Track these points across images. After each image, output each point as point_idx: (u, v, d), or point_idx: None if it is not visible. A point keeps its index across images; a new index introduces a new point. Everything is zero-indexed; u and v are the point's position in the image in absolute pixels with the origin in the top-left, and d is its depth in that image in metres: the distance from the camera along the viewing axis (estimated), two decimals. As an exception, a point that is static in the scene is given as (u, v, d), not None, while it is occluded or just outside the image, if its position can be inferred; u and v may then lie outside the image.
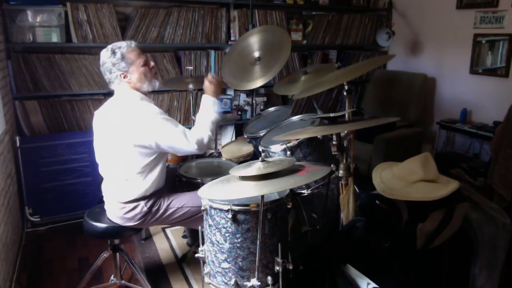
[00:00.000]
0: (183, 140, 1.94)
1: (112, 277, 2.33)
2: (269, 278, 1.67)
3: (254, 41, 2.69)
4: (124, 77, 1.98)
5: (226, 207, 1.63)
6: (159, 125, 1.92)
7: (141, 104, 1.97)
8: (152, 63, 2.06)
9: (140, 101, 1.99)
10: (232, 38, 3.63)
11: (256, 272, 1.63)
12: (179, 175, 2.29)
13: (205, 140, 1.99)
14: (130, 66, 1.97)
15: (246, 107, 3.74)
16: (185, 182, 2.26)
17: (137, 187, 2.01)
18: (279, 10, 3.82)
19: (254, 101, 3.34)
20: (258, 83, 2.56)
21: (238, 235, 1.65)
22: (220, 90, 2.23)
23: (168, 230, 3.02)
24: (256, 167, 1.57)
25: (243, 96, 3.76)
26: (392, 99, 3.88)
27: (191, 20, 3.43)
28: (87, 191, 3.06)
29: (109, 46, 1.99)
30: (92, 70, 3.17)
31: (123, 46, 1.97)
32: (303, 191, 2.01)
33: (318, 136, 1.95)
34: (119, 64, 1.95)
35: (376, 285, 1.71)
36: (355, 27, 4.21)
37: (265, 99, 3.81)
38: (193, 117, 3.00)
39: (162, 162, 2.06)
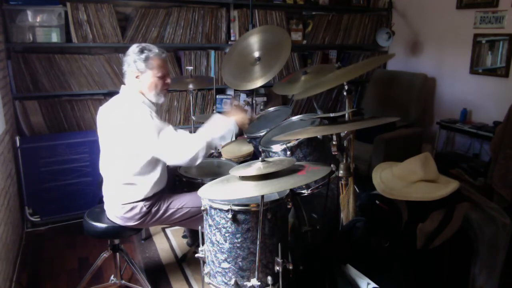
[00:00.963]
0: (172, 152, 1.93)
1: (112, 277, 2.33)
2: (269, 278, 1.67)
3: (254, 41, 2.69)
4: (137, 77, 1.99)
5: (226, 207, 1.63)
6: (150, 132, 1.90)
7: (140, 108, 1.96)
8: (168, 80, 2.05)
9: (141, 104, 1.98)
10: (232, 38, 3.63)
11: (256, 272, 1.63)
12: (179, 175, 2.29)
13: (193, 154, 1.92)
14: (147, 70, 1.97)
15: (246, 107, 3.73)
16: (185, 182, 2.26)
17: (137, 189, 2.01)
18: (279, 10, 3.83)
19: (254, 101, 3.34)
20: (258, 83, 2.56)
21: (238, 235, 1.65)
22: (246, 124, 2.11)
23: (168, 230, 3.01)
24: (256, 167, 1.57)
25: (243, 96, 3.76)
26: (392, 99, 3.88)
27: (191, 20, 3.43)
28: (87, 191, 3.06)
29: (142, 44, 2.00)
30: (92, 70, 3.17)
31: (153, 51, 1.98)
32: (303, 191, 2.01)
33: (318, 136, 1.95)
34: (139, 63, 1.96)
35: (376, 285, 1.71)
36: (355, 27, 4.21)
37: (265, 99, 3.81)
38: (193, 117, 3.01)
39: (161, 163, 2.06)
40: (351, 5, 4.22)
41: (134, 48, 1.99)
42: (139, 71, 1.97)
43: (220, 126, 2.00)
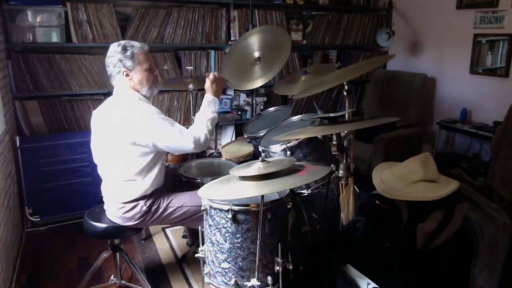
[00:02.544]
0: (180, 139, 1.95)
1: (112, 277, 2.33)
2: (269, 278, 1.67)
3: (254, 41, 2.69)
4: (126, 75, 2.01)
5: (226, 207, 1.63)
6: (156, 124, 1.93)
7: (139, 104, 1.99)
8: (156, 71, 2.09)
9: (138, 101, 2.00)
10: (232, 38, 3.63)
11: (256, 272, 1.63)
12: (179, 175, 2.29)
13: (202, 139, 1.99)
14: (135, 67, 2.00)
15: (246, 107, 3.74)
16: (185, 182, 2.26)
17: (136, 187, 2.01)
18: (279, 10, 3.82)
19: (254, 101, 3.34)
20: (258, 83, 2.56)
21: (238, 235, 1.65)
22: (222, 88, 2.25)
23: (168, 230, 3.02)
24: (256, 167, 1.57)
25: (243, 96, 3.76)
26: (392, 99, 3.88)
27: (191, 20, 3.43)
28: (87, 191, 3.06)
29: (122, 42, 2.02)
30: (92, 70, 3.17)
31: (136, 46, 2.01)
32: (303, 191, 2.01)
33: (318, 136, 1.95)
34: (126, 61, 1.98)
35: (376, 285, 1.71)
36: (355, 27, 4.21)
37: (265, 99, 3.81)
38: (193, 117, 3.00)
39: (160, 161, 2.07)
40: (351, 5, 4.22)
41: (115, 48, 2.00)
42: (128, 69, 2.00)
43: (211, 108, 2.12)
